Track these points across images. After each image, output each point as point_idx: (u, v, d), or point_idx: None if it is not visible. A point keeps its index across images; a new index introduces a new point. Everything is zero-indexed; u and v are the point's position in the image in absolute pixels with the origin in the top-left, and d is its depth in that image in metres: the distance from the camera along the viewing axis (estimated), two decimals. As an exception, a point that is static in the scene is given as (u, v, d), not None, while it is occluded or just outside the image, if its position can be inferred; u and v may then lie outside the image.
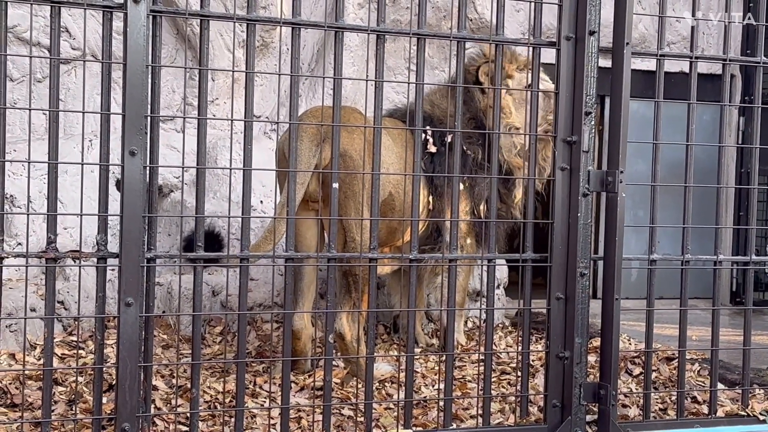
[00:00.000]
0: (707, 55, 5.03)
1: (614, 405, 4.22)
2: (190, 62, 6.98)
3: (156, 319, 6.09)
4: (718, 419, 4.47)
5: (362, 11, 7.15)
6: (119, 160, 3.57)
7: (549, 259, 4.24)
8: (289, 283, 3.97)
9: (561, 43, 4.17)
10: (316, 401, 4.55)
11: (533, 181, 4.29)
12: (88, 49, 6.95)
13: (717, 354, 4.57)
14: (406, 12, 7.19)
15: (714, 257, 4.56)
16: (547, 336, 4.28)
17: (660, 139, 4.44)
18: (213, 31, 7.11)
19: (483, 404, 4.26)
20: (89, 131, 6.61)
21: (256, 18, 3.85)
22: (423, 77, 4.14)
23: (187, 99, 7.03)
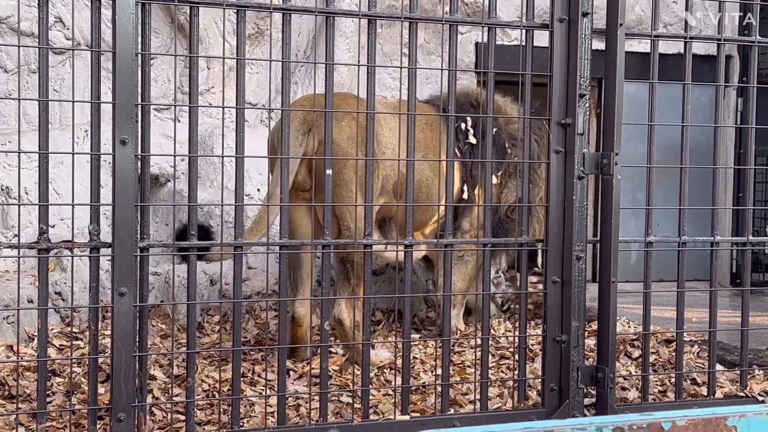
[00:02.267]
0: (701, 35, 5.00)
1: (612, 388, 4.21)
2: (184, 51, 6.95)
3: (154, 309, 6.10)
4: (717, 400, 4.47)
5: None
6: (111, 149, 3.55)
7: (545, 243, 4.22)
8: (284, 271, 3.96)
9: (554, 26, 4.15)
10: (313, 388, 4.54)
11: (527, 165, 4.27)
12: (82, 38, 6.93)
13: (715, 335, 4.56)
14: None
15: (711, 238, 4.54)
16: (544, 320, 4.27)
17: (657, 120, 4.42)
18: (208, 18, 7.08)
19: (480, 389, 4.25)
20: (84, 121, 6.59)
21: (246, 4, 3.83)
22: (415, 62, 4.11)
23: (183, 87, 7.01)
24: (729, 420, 2.19)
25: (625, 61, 4.20)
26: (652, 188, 4.46)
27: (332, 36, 4.00)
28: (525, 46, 4.23)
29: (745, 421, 2.19)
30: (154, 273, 6.11)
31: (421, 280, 6.51)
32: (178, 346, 5.33)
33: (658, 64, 4.39)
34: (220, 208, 4.23)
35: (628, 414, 2.69)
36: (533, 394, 4.56)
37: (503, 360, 5.45)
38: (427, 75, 7.24)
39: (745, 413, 2.24)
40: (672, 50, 7.28)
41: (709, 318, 4.53)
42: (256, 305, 6.19)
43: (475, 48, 7.95)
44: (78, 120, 6.60)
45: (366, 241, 4.05)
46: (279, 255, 3.97)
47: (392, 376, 4.96)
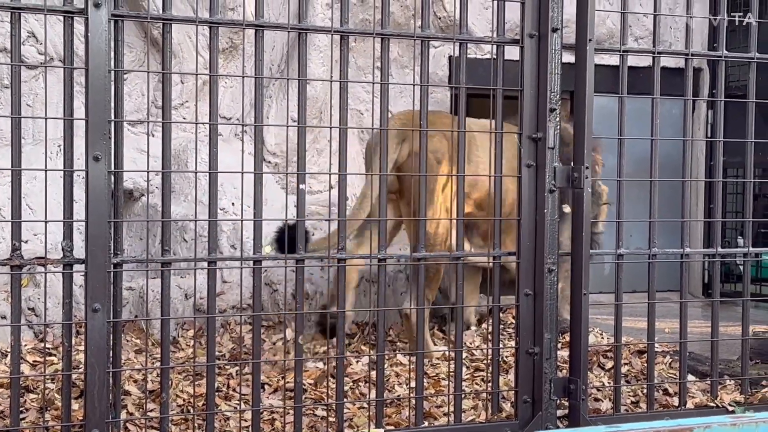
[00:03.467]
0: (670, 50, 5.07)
1: (584, 399, 4.25)
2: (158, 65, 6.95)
3: (128, 324, 6.09)
4: (688, 411, 4.51)
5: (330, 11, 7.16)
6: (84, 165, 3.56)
7: (517, 256, 4.26)
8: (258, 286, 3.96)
9: (525, 41, 4.19)
10: (288, 402, 4.55)
11: (499, 179, 4.30)
12: (55, 53, 6.92)
13: (686, 346, 4.61)
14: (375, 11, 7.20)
15: (681, 250, 4.59)
16: (517, 332, 4.30)
17: (627, 133, 4.47)
18: (181, 33, 7.09)
19: (455, 402, 4.27)
20: (58, 136, 6.58)
21: (219, 21, 3.85)
22: (388, 77, 4.14)
23: (156, 102, 7.01)
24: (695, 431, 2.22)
25: (597, 74, 4.25)
26: (623, 201, 4.51)
27: (305, 51, 4.02)
28: (496, 61, 4.27)
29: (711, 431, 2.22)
30: (128, 288, 6.10)
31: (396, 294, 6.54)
32: (152, 361, 5.32)
33: (627, 77, 4.44)
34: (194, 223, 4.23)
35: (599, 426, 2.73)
36: (507, 406, 4.59)
37: (477, 372, 5.48)
38: (401, 88, 7.30)
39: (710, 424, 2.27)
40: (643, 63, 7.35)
41: (680, 329, 4.58)
42: (231, 319, 6.19)
43: (448, 61, 8.00)
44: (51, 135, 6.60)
45: (339, 256, 4.07)
46: (253, 270, 3.98)
47: (367, 390, 4.97)
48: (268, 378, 5.12)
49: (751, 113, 4.65)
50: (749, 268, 4.78)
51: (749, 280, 4.78)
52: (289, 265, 4.19)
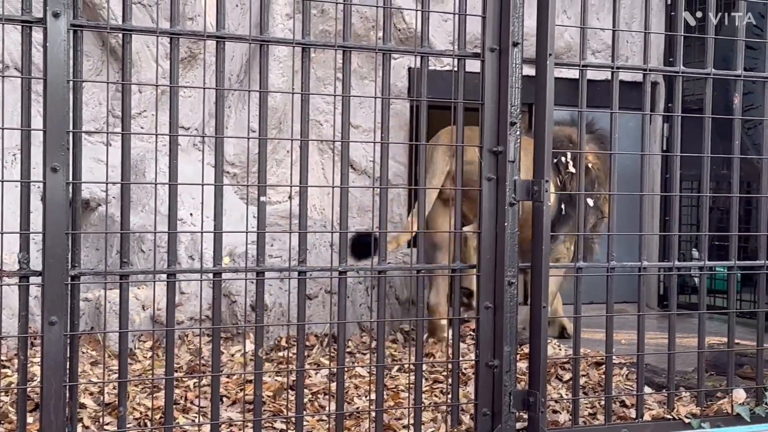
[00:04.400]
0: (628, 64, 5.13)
1: (543, 412, 4.27)
2: (116, 74, 6.90)
3: (85, 336, 6.02)
4: (645, 423, 4.55)
5: (291, 22, 7.15)
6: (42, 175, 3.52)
7: (477, 269, 4.27)
8: (218, 297, 3.94)
9: (485, 55, 4.21)
10: (247, 415, 4.52)
11: (459, 192, 4.31)
12: (11, 61, 6.84)
13: (643, 359, 4.65)
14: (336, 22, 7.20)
15: (638, 263, 4.64)
16: (477, 345, 4.31)
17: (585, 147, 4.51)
18: (140, 42, 7.04)
19: (414, 414, 4.27)
20: (14, 144, 6.50)
21: (180, 32, 3.83)
22: (349, 89, 4.14)
23: (114, 111, 6.95)
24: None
25: (556, 87, 4.28)
26: (581, 214, 4.54)
27: (266, 63, 4.01)
28: (457, 74, 4.29)
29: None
30: (85, 299, 6.04)
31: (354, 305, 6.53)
32: (109, 373, 5.26)
33: (586, 91, 4.48)
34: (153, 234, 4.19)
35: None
36: (466, 419, 4.60)
37: (437, 384, 5.48)
38: (360, 100, 7.30)
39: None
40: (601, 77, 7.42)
41: (638, 341, 4.62)
42: (189, 331, 6.15)
43: (408, 73, 8.02)
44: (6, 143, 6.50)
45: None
46: (213, 282, 3.95)
47: (326, 402, 4.96)
48: (226, 390, 5.09)
49: (707, 128, 4.71)
50: (705, 281, 4.83)
51: (705, 293, 4.82)
52: (249, 277, 4.17)
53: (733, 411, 4.68)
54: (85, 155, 3.85)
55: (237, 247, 6.34)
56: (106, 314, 5.75)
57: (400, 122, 7.85)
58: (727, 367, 4.80)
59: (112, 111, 6.90)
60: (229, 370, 5.56)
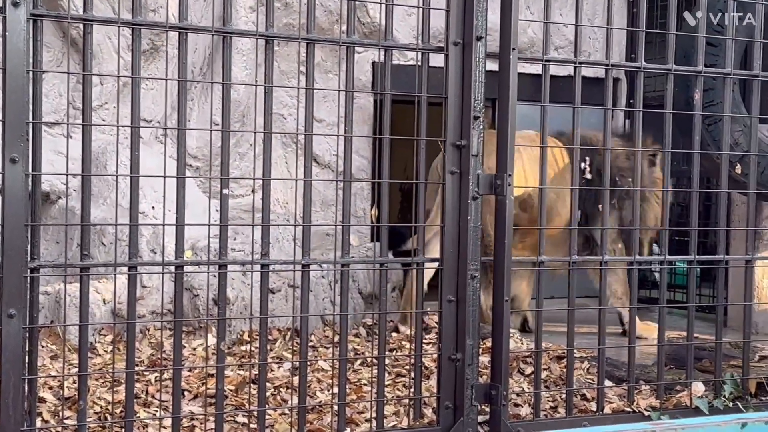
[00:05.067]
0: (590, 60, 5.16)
1: (505, 405, 4.29)
2: (77, 65, 6.82)
3: (44, 329, 5.96)
4: (605, 416, 4.58)
5: (254, 14, 7.11)
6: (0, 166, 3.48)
7: (440, 263, 4.28)
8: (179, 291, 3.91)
9: (449, 49, 4.22)
10: (209, 409, 4.49)
11: (424, 186, 4.32)
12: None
13: (603, 352, 4.69)
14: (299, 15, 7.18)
15: (600, 258, 4.67)
16: (439, 338, 4.32)
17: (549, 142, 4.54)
18: (102, 33, 6.97)
19: (377, 408, 4.27)
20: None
21: (142, 22, 3.80)
22: (313, 82, 4.13)
23: (75, 103, 6.88)
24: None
25: (519, 83, 4.30)
26: (545, 208, 4.57)
27: (229, 55, 3.99)
28: (421, 68, 4.29)
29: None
30: (44, 292, 5.98)
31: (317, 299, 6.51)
32: (69, 367, 5.21)
33: (549, 86, 4.51)
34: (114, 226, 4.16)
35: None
36: (429, 412, 4.61)
37: (399, 378, 5.49)
38: (324, 93, 7.28)
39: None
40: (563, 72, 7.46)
41: (599, 335, 4.65)
42: (150, 325, 6.11)
43: (372, 67, 8.02)
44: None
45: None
46: (174, 275, 3.93)
47: (289, 396, 4.95)
48: (188, 384, 5.06)
49: (668, 124, 4.75)
50: (666, 276, 4.88)
51: (665, 287, 4.87)
52: (211, 270, 4.16)
53: (692, 404, 4.73)
54: (46, 147, 3.81)
55: (200, 241, 6.31)
56: (66, 308, 5.70)
57: (363, 116, 7.84)
58: (687, 360, 4.85)
59: (73, 103, 6.82)
60: (191, 364, 5.53)
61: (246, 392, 4.94)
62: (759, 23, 4.93)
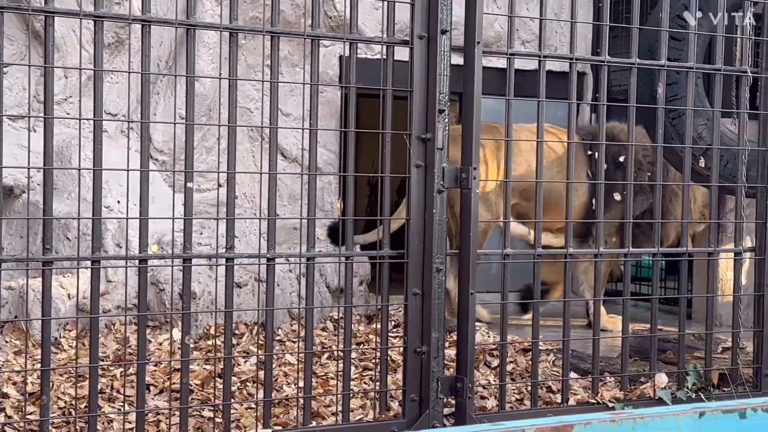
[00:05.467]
0: (555, 54, 5.19)
1: (471, 397, 4.31)
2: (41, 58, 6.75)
3: (7, 324, 5.91)
4: (569, 407, 4.61)
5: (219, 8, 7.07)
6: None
7: (406, 256, 4.28)
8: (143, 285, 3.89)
9: (414, 42, 4.22)
10: (174, 403, 4.48)
11: (388, 179, 4.32)
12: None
13: (568, 345, 4.71)
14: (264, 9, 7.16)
15: (564, 250, 4.70)
16: (405, 331, 4.33)
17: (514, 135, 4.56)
18: (66, 27, 6.92)
19: (343, 401, 4.28)
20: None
21: (104, 15, 3.77)
22: (278, 75, 4.12)
23: (39, 97, 6.81)
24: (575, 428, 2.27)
25: (486, 77, 4.32)
26: (509, 202, 4.59)
27: (194, 48, 3.97)
28: (386, 61, 4.29)
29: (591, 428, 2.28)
30: (8, 287, 5.93)
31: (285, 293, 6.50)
32: (32, 362, 5.17)
33: (515, 80, 4.52)
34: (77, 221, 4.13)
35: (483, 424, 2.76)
36: (395, 405, 4.61)
37: (366, 371, 5.49)
38: (291, 87, 7.27)
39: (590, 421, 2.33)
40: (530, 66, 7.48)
41: (563, 327, 4.68)
42: (115, 319, 6.07)
43: (339, 61, 8.01)
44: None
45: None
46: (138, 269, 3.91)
47: (255, 390, 4.94)
48: (154, 379, 5.04)
49: (632, 117, 4.78)
50: (629, 268, 4.92)
51: (629, 279, 4.91)
52: (176, 264, 4.14)
53: (655, 395, 4.78)
54: (9, 141, 3.78)
55: (165, 235, 6.27)
56: (30, 303, 5.65)
57: (331, 110, 7.83)
58: (651, 352, 4.89)
59: (37, 96, 6.75)
60: (157, 358, 5.51)
61: (212, 386, 4.92)
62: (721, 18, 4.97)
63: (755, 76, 5.02)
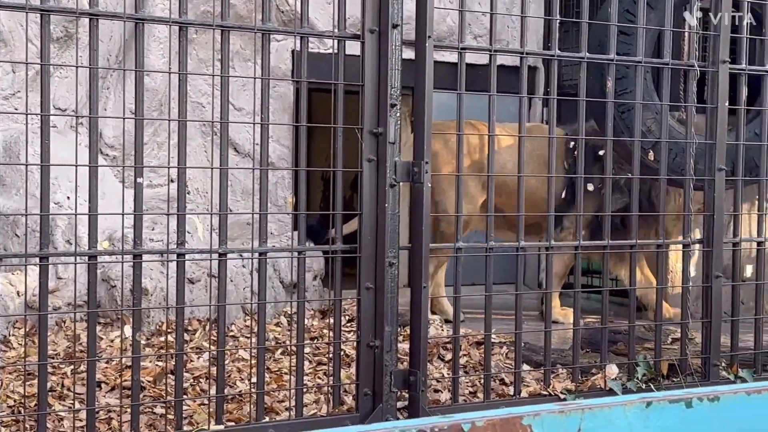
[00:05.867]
0: (506, 48, 5.23)
1: (424, 390, 4.33)
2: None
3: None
4: (522, 399, 4.65)
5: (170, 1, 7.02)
6: None
7: (358, 250, 4.29)
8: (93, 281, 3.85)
9: (365, 36, 4.23)
10: (126, 401, 4.44)
11: (340, 173, 4.31)
12: None
13: (520, 337, 4.75)
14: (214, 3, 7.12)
15: (516, 244, 4.73)
16: (358, 325, 4.33)
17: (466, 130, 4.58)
18: (13, 21, 6.81)
19: (296, 396, 4.27)
20: None
21: (50, 8, 3.73)
22: (228, 70, 4.10)
23: (-14, 92, 6.72)
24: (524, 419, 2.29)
25: (440, 71, 4.33)
26: (462, 196, 4.61)
27: (142, 42, 3.94)
28: (337, 56, 4.29)
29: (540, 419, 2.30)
30: (-44, 285, 5.84)
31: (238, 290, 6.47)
32: (-19, 361, 5.11)
33: (470, 75, 4.55)
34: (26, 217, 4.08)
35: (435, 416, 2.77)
36: (349, 400, 4.62)
37: (320, 366, 5.49)
38: (244, 82, 7.23)
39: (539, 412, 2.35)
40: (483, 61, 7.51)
41: (515, 320, 4.71)
42: (66, 317, 6.00)
43: (292, 56, 7.97)
44: None
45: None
46: (88, 265, 3.87)
47: (208, 386, 4.92)
48: (105, 376, 4.99)
49: (582, 111, 4.82)
50: (580, 260, 4.96)
51: (580, 272, 4.95)
52: (126, 260, 4.10)
53: (606, 386, 4.83)
54: (-47, 136, 3.72)
55: (117, 231, 6.21)
56: (-21, 301, 5.57)
57: (284, 105, 7.80)
58: (602, 344, 4.94)
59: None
60: (109, 355, 5.46)
61: (164, 383, 4.89)
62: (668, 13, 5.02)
63: (702, 70, 5.09)
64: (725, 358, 5.17)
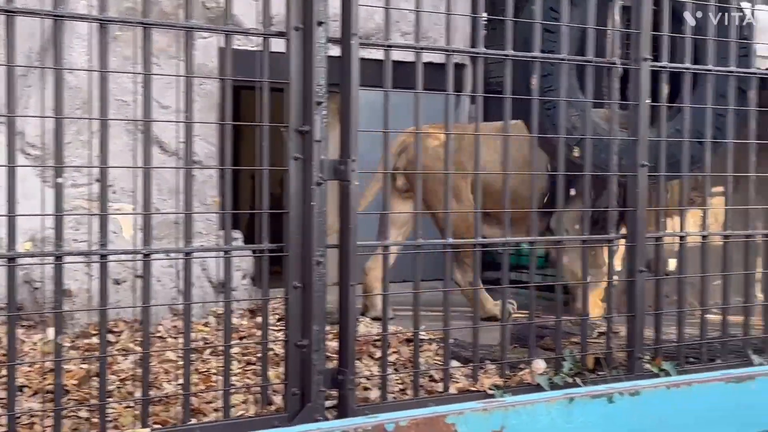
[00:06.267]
0: (431, 46, 5.25)
1: (352, 389, 4.32)
2: None
3: None
4: (450, 396, 4.66)
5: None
6: None
7: (285, 249, 4.26)
8: (13, 284, 3.77)
9: (290, 34, 4.20)
10: (49, 405, 4.35)
11: (267, 172, 4.28)
12: None
13: (448, 334, 4.77)
14: (140, 0, 7.01)
15: (444, 240, 4.75)
16: (286, 325, 4.31)
17: (393, 127, 4.58)
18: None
19: (224, 397, 4.23)
20: None
21: (-34, 5, 3.63)
22: (151, 67, 4.04)
23: None
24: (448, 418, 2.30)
25: (369, 69, 4.33)
26: (388, 193, 4.61)
27: (62, 40, 3.86)
28: (263, 53, 4.25)
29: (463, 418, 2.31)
30: None
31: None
32: None
33: (399, 72, 4.55)
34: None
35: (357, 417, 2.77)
36: (278, 399, 4.58)
37: (249, 366, 5.45)
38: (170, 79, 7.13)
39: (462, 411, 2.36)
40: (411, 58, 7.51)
41: (444, 317, 4.73)
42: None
43: (219, 53, 7.89)
44: None
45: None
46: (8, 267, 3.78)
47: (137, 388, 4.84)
48: (28, 380, 4.89)
49: (507, 109, 4.85)
50: (508, 256, 4.99)
51: (508, 268, 4.99)
52: (48, 261, 4.02)
53: (533, 381, 4.87)
54: None
55: (39, 233, 6.09)
56: None
57: (211, 103, 7.71)
58: (529, 339, 4.99)
59: None
60: (32, 359, 5.35)
61: (89, 386, 4.81)
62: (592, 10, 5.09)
63: (625, 67, 5.16)
64: (649, 351, 5.25)
